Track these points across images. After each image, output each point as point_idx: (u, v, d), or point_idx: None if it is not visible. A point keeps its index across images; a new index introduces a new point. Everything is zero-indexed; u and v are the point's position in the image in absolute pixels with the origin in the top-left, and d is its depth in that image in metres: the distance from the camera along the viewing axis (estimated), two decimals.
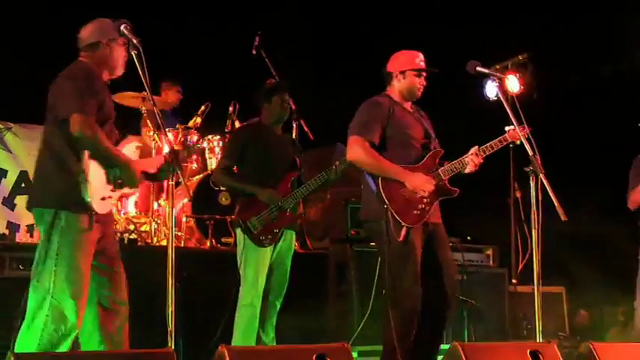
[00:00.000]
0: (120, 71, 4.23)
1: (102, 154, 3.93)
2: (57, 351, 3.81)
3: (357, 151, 4.60)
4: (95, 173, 3.91)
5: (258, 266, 5.07)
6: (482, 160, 4.67)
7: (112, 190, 4.02)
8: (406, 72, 4.74)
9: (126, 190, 4.10)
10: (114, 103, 4.25)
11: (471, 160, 4.65)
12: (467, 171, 4.69)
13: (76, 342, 4.01)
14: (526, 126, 4.51)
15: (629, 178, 5.90)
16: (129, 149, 4.19)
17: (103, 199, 3.96)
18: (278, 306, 5.22)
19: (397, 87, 4.78)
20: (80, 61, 4.13)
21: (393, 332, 4.37)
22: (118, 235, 6.10)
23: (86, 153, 3.88)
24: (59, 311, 3.84)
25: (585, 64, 8.68)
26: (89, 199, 3.86)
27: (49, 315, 3.83)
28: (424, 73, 4.77)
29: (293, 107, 6.28)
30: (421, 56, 4.79)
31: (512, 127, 4.50)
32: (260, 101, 5.43)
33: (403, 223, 4.48)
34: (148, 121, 6.52)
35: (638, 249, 5.78)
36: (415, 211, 4.54)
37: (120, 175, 4.01)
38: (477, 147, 4.68)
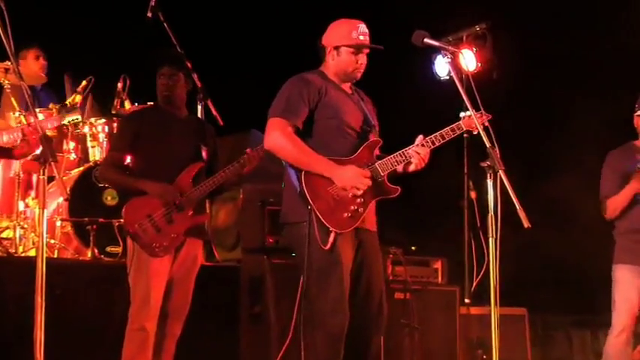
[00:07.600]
0: None
1: None
2: None
3: (276, 137, 4.60)
4: None
5: (150, 281, 5.05)
6: (429, 153, 4.67)
7: None
8: (340, 48, 4.74)
9: None
10: None
11: (416, 153, 4.63)
12: (412, 168, 4.70)
13: None
14: (484, 112, 4.52)
15: (603, 178, 6.03)
16: None
17: None
18: (178, 332, 5.22)
19: (331, 65, 4.79)
20: None
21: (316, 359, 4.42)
22: None
23: None
24: None
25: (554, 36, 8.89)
26: None
27: None
28: (365, 50, 4.75)
29: (198, 85, 6.28)
30: (362, 28, 4.75)
31: (468, 113, 4.49)
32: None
33: (331, 228, 4.51)
34: (12, 99, 6.42)
35: (612, 265, 5.95)
36: (346, 214, 4.56)
37: None
38: (422, 136, 4.68)
